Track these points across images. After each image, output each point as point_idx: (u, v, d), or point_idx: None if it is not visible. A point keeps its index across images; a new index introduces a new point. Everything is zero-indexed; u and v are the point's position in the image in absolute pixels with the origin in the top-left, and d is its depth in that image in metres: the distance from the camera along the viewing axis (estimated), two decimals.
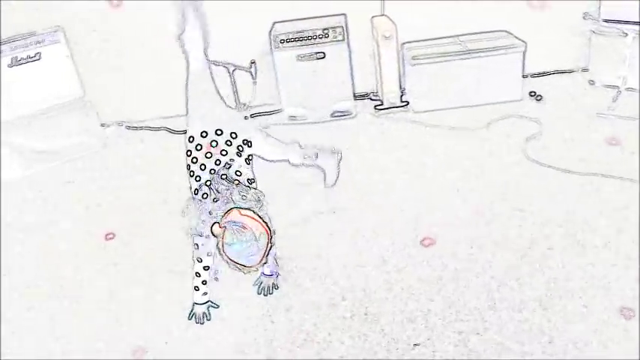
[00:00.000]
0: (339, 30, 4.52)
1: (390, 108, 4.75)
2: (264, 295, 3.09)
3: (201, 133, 2.86)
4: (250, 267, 2.75)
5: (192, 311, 2.96)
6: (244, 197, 2.75)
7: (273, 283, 3.13)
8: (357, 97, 4.83)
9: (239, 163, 2.89)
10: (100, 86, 4.83)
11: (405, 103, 4.75)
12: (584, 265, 3.05)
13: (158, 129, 4.98)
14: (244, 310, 3.04)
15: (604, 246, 3.14)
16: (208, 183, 2.80)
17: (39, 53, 4.46)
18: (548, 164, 3.81)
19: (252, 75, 4.78)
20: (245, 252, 2.70)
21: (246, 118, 4.26)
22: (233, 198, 2.73)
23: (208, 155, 2.83)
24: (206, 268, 2.87)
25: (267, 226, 2.76)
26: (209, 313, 2.97)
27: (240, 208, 2.69)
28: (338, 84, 4.63)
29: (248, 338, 2.88)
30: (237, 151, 2.90)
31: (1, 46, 4.38)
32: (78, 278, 3.29)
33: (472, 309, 2.86)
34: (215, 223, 2.70)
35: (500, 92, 4.55)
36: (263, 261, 2.76)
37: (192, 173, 2.84)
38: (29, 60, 4.44)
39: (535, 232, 3.28)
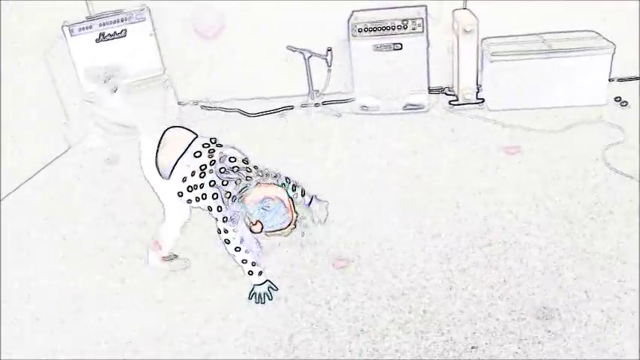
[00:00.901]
0: (418, 22, 4.46)
1: (464, 104, 4.66)
2: (323, 223, 3.11)
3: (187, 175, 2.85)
4: (288, 227, 2.77)
5: (252, 291, 2.98)
6: (249, 178, 2.76)
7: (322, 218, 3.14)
8: (431, 91, 4.76)
9: (227, 151, 2.88)
10: (179, 65, 4.98)
11: (480, 101, 4.65)
12: None
13: (232, 110, 5.09)
14: (303, 295, 3.07)
15: None
16: (212, 183, 2.78)
17: (125, 30, 4.64)
18: (628, 174, 3.64)
19: (327, 62, 4.80)
20: (276, 217, 2.73)
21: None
22: (240, 185, 2.75)
23: (203, 167, 2.83)
24: (247, 251, 2.88)
25: (278, 185, 2.78)
26: (270, 294, 3.00)
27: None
28: (413, 76, 4.58)
29: (305, 324, 2.91)
30: (217, 144, 2.91)
31: (90, 22, 4.58)
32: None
33: (536, 317, 2.77)
34: (251, 224, 2.74)
35: (583, 95, 4.38)
36: (294, 216, 2.77)
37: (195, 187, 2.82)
38: (115, 36, 4.63)
39: (609, 244, 3.14)
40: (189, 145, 2.88)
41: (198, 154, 2.84)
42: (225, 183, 2.78)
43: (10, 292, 3.35)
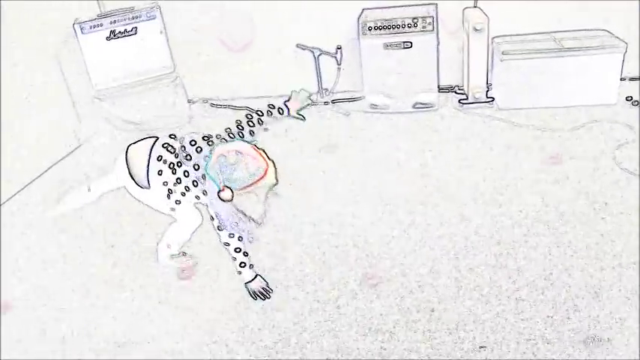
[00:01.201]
0: (428, 20, 4.44)
1: (474, 103, 4.64)
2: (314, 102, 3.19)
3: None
4: (264, 175, 2.73)
5: (250, 291, 3.00)
6: (213, 151, 2.77)
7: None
8: (441, 89, 4.74)
9: (185, 139, 2.90)
10: (189, 62, 4.99)
11: (490, 99, 4.63)
12: None
13: (240, 108, 5.09)
14: (311, 294, 3.07)
15: None
16: (187, 174, 2.84)
17: (135, 28, 4.65)
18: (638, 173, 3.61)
19: (337, 61, 4.79)
20: (240, 170, 2.71)
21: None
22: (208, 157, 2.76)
23: (171, 165, 2.88)
24: (240, 239, 2.89)
25: (236, 140, 2.80)
26: (267, 286, 2.99)
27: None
28: (423, 75, 4.56)
29: (312, 322, 2.92)
30: (174, 138, 2.94)
31: (101, 20, 4.59)
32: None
33: (545, 318, 2.76)
34: (219, 191, 2.71)
35: (594, 94, 4.34)
36: (268, 163, 2.75)
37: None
38: (126, 34, 4.64)
39: (619, 244, 3.12)
40: (152, 150, 2.91)
41: (160, 158, 2.89)
42: (197, 167, 2.81)
43: (12, 290, 3.37)
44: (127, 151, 2.98)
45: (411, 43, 4.48)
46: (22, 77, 4.29)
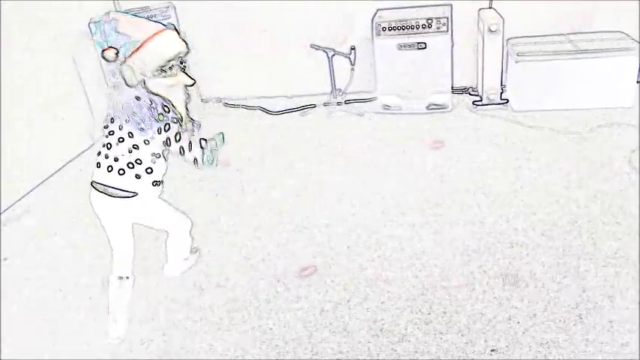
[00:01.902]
0: (443, 21, 4.43)
1: (488, 105, 4.62)
2: None
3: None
4: (160, 33, 2.64)
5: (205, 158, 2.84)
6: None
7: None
8: (455, 90, 4.73)
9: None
10: (203, 62, 5.01)
11: (504, 101, 4.61)
12: None
13: (254, 108, 5.11)
14: (321, 295, 3.07)
15: None
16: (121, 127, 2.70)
17: None
18: None
19: (350, 61, 4.79)
20: (133, 26, 2.60)
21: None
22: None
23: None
24: (177, 137, 2.77)
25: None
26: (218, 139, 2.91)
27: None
28: (437, 76, 4.55)
29: (324, 323, 2.91)
30: None
31: None
32: None
33: (557, 321, 2.74)
34: (102, 51, 2.58)
35: (609, 97, 4.31)
36: (166, 30, 2.66)
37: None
38: None
39: (633, 248, 3.09)
40: (93, 184, 2.77)
41: (99, 164, 2.75)
42: (121, 107, 2.69)
43: (14, 289, 3.39)
44: (97, 205, 2.81)
45: (425, 44, 4.47)
46: (37, 76, 4.33)
